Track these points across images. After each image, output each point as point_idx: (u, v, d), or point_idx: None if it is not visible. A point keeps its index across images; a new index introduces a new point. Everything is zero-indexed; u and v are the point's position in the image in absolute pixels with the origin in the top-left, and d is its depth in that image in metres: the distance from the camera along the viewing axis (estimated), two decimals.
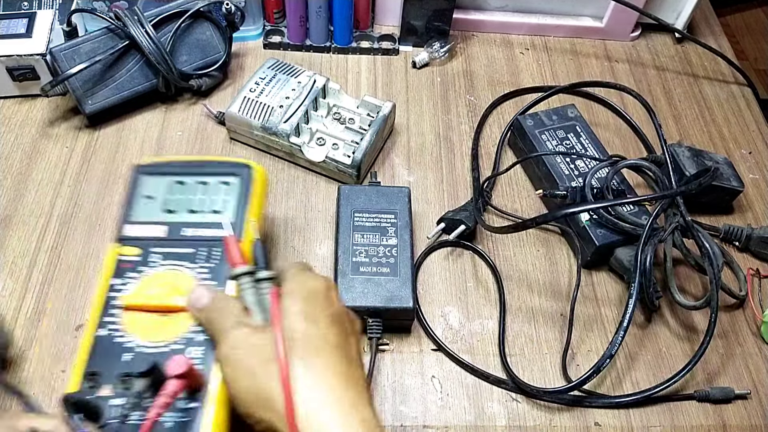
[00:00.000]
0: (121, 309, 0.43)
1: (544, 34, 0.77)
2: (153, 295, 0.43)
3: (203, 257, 0.45)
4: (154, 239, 0.46)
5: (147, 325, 0.43)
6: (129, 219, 0.47)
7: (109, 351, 0.42)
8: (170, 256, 0.45)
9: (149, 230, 0.47)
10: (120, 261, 0.45)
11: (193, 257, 0.45)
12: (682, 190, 0.52)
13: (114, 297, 0.44)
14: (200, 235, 0.46)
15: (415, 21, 0.71)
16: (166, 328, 0.43)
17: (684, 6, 0.74)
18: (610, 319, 0.54)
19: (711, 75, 0.75)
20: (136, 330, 0.43)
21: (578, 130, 0.62)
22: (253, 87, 0.62)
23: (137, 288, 0.44)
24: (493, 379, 0.50)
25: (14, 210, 0.57)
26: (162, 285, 0.44)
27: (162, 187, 0.49)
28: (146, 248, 0.46)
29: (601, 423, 0.49)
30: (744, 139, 0.69)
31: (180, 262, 0.45)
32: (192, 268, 0.45)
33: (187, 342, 0.42)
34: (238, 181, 0.49)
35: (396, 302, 0.50)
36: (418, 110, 0.68)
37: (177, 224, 0.47)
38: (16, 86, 0.64)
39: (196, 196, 0.49)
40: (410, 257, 0.52)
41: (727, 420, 0.50)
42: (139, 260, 0.45)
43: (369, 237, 0.53)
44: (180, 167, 0.50)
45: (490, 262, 0.56)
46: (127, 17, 0.60)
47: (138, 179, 0.49)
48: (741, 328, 0.55)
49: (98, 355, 0.42)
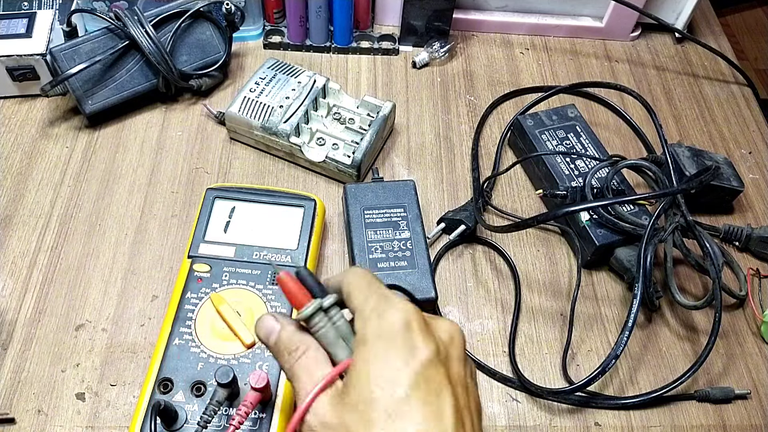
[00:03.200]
0: (194, 321, 0.47)
1: (544, 34, 0.77)
2: (226, 311, 0.47)
3: (269, 279, 0.50)
4: (223, 259, 0.50)
5: (218, 336, 0.46)
6: (201, 238, 0.51)
7: (183, 359, 0.45)
8: (239, 276, 0.49)
9: (219, 250, 0.51)
10: (192, 276, 0.49)
11: (260, 279, 0.49)
12: (684, 188, 0.52)
13: (186, 309, 0.48)
14: (267, 258, 0.51)
15: (415, 21, 0.71)
16: (235, 341, 0.46)
17: (684, 6, 0.74)
18: (611, 318, 0.54)
19: (711, 75, 0.75)
20: (208, 341, 0.46)
21: (578, 130, 0.62)
22: (253, 87, 0.62)
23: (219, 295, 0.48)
24: (500, 377, 0.50)
25: (14, 210, 0.57)
26: (236, 303, 0.48)
27: (233, 211, 0.53)
28: (216, 266, 0.50)
29: (601, 423, 0.49)
30: (744, 139, 0.69)
31: (248, 282, 0.49)
32: (260, 290, 0.49)
33: (254, 356, 0.46)
34: (302, 212, 0.54)
35: (419, 294, 0.50)
36: (418, 110, 0.68)
37: (245, 246, 0.51)
38: (16, 86, 0.64)
39: (264, 222, 0.53)
40: (425, 248, 0.53)
41: (727, 420, 0.50)
42: (209, 277, 0.49)
43: (382, 233, 0.53)
44: (250, 194, 0.54)
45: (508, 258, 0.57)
46: (127, 17, 0.60)
47: (212, 202, 0.53)
48: (741, 328, 0.55)
49: (171, 362, 0.45)
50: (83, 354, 0.49)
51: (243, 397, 0.39)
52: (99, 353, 0.49)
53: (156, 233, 0.56)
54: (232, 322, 0.46)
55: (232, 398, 0.43)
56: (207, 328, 0.47)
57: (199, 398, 0.44)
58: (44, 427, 0.46)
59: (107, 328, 0.51)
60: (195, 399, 0.44)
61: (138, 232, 0.56)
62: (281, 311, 0.48)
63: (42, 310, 0.51)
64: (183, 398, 0.44)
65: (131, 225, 0.57)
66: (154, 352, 0.46)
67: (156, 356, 0.45)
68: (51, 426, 0.46)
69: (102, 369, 0.49)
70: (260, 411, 0.43)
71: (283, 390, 0.45)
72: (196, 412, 0.43)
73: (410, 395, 0.29)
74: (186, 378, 0.44)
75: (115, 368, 0.49)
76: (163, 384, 0.44)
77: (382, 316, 0.32)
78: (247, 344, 0.46)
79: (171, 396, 0.44)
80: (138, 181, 0.60)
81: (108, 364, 0.49)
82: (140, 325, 0.51)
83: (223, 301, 0.47)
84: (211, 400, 0.40)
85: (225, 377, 0.40)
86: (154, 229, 0.57)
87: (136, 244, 0.56)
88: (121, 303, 0.52)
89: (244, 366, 0.45)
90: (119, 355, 0.50)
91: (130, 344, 0.50)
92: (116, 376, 0.48)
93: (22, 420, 0.46)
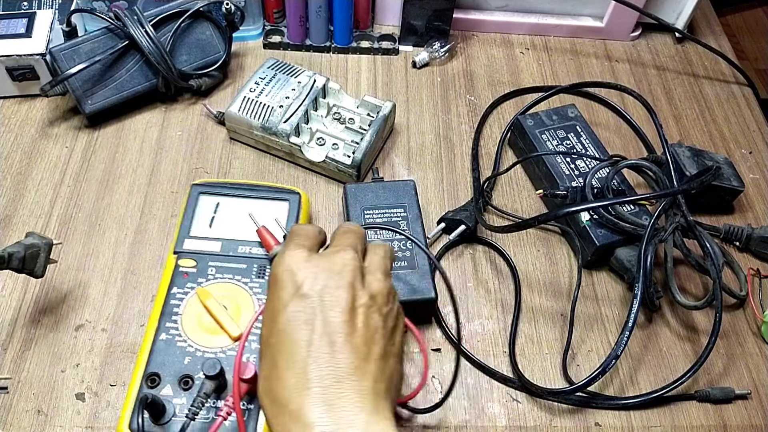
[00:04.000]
0: (180, 315, 0.47)
1: (544, 34, 0.77)
2: (212, 305, 0.47)
3: (255, 272, 0.50)
4: (209, 254, 0.50)
5: (205, 330, 0.47)
6: (186, 233, 0.51)
7: (171, 354, 0.46)
8: (225, 270, 0.50)
9: (205, 245, 0.51)
10: (177, 271, 0.49)
11: (246, 272, 0.50)
12: (684, 189, 0.52)
13: (173, 304, 0.48)
14: (252, 253, 0.51)
15: (415, 21, 0.71)
16: (222, 334, 0.47)
17: (684, 6, 0.74)
18: (611, 319, 0.54)
19: (711, 75, 0.75)
20: (195, 335, 0.47)
21: (578, 130, 0.62)
22: (253, 87, 0.62)
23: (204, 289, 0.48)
24: (500, 377, 0.50)
25: (14, 210, 0.57)
26: (222, 297, 0.48)
27: (218, 206, 0.53)
28: (202, 261, 0.50)
29: (601, 423, 0.49)
30: (744, 139, 0.69)
31: (234, 276, 0.49)
32: (246, 283, 0.49)
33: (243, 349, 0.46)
34: (287, 205, 0.54)
35: (418, 294, 0.50)
36: (418, 110, 0.68)
37: (231, 241, 0.51)
38: (16, 86, 0.64)
39: (248, 216, 0.52)
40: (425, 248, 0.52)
41: (728, 420, 0.50)
42: (195, 272, 0.49)
43: (382, 233, 0.53)
44: (235, 189, 0.55)
45: (508, 258, 0.56)
46: (126, 17, 0.60)
47: (196, 198, 0.53)
48: (741, 328, 0.55)
49: (158, 357, 0.45)
50: (83, 354, 0.49)
51: (230, 389, 0.40)
52: (99, 353, 0.49)
53: (156, 233, 0.56)
54: (219, 315, 0.47)
55: (219, 391, 0.43)
56: (194, 322, 0.47)
57: (186, 391, 0.44)
58: (44, 427, 0.46)
59: (107, 328, 0.51)
60: (183, 392, 0.44)
61: (138, 232, 0.56)
62: None
63: (42, 310, 0.51)
64: (171, 392, 0.44)
65: (131, 225, 0.57)
66: (141, 347, 0.46)
67: (143, 351, 0.46)
68: (51, 426, 0.46)
69: (102, 369, 0.49)
70: (248, 402, 0.44)
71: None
72: (185, 405, 0.43)
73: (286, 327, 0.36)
74: (173, 372, 0.45)
75: (114, 368, 0.49)
76: (150, 379, 0.44)
77: (333, 257, 0.39)
78: (234, 337, 0.46)
79: (159, 390, 0.44)
80: (138, 181, 0.60)
81: (108, 364, 0.49)
82: (140, 325, 0.51)
83: (209, 296, 0.48)
84: (198, 392, 0.41)
85: (212, 369, 0.41)
86: (154, 229, 0.57)
87: (136, 244, 0.56)
88: (120, 303, 0.52)
89: (231, 359, 0.45)
90: (119, 355, 0.50)
91: (130, 344, 0.50)
92: (116, 377, 0.48)
93: (22, 420, 0.46)
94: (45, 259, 0.47)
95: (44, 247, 0.46)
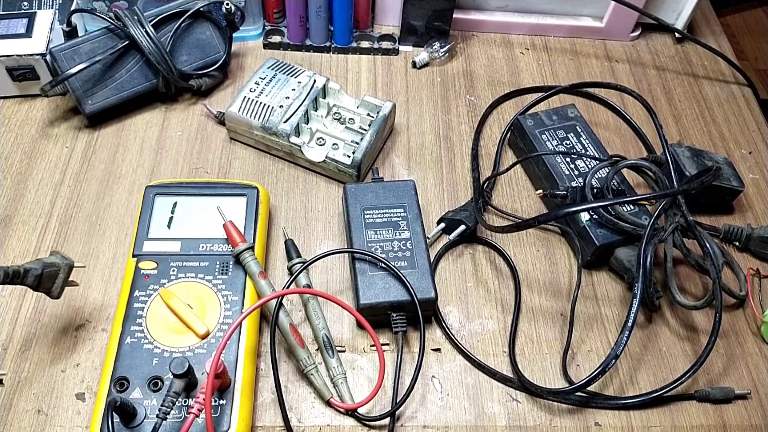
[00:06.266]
0: (144, 318, 0.47)
1: (544, 34, 0.77)
2: (176, 305, 0.47)
3: (218, 270, 0.50)
4: (169, 254, 0.50)
5: (171, 330, 0.47)
6: (145, 236, 0.51)
7: (137, 357, 0.45)
8: (187, 269, 0.50)
9: (164, 246, 0.51)
10: (138, 274, 0.49)
11: (209, 270, 0.50)
12: (684, 189, 0.52)
13: (136, 307, 0.48)
14: (214, 250, 0.51)
15: (415, 21, 0.71)
16: (189, 333, 0.47)
17: (684, 6, 0.74)
18: (611, 318, 0.54)
19: (711, 75, 0.75)
20: (161, 336, 0.46)
21: (578, 130, 0.62)
22: (253, 87, 0.62)
23: (168, 290, 0.48)
24: (500, 377, 0.50)
25: (14, 210, 0.57)
26: (186, 296, 0.49)
27: (175, 206, 0.53)
28: (162, 262, 0.50)
29: (601, 423, 0.49)
30: (744, 139, 0.69)
31: (197, 274, 0.49)
32: (209, 280, 0.49)
33: (209, 346, 0.46)
34: (245, 200, 0.54)
35: (418, 294, 0.50)
36: (418, 110, 0.68)
37: (191, 240, 0.51)
38: (16, 86, 0.64)
39: (207, 214, 0.52)
40: (425, 248, 0.53)
41: (728, 420, 0.50)
42: (156, 273, 0.49)
43: (382, 233, 0.53)
44: (191, 188, 0.54)
45: (508, 258, 0.56)
46: (127, 17, 0.60)
47: (152, 199, 0.53)
48: (741, 328, 0.55)
49: (125, 361, 0.45)
50: (83, 354, 0.49)
51: (201, 386, 0.40)
52: (99, 353, 0.49)
53: None
54: (184, 314, 0.47)
55: (190, 389, 0.43)
56: (159, 324, 0.47)
57: (156, 393, 0.44)
58: (44, 427, 0.46)
59: (107, 328, 0.51)
60: (153, 394, 0.44)
61: None
62: (233, 299, 0.49)
63: (42, 310, 0.51)
64: (141, 395, 0.44)
65: (131, 225, 0.57)
66: (106, 353, 0.46)
67: (109, 357, 0.45)
68: (51, 426, 0.46)
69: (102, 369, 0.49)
70: (219, 398, 0.44)
71: (242, 375, 0.45)
72: (155, 407, 0.43)
73: None
74: (142, 375, 0.44)
75: None
76: (119, 383, 0.44)
77: None
78: (200, 335, 0.46)
79: (128, 394, 0.44)
80: (138, 181, 0.60)
81: None
82: None
83: (172, 296, 0.48)
84: (168, 392, 0.41)
85: (180, 368, 0.40)
86: None
87: None
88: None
89: (200, 356, 0.45)
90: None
91: None
92: None
93: (22, 420, 0.46)
94: (63, 281, 0.45)
95: (64, 267, 0.45)
